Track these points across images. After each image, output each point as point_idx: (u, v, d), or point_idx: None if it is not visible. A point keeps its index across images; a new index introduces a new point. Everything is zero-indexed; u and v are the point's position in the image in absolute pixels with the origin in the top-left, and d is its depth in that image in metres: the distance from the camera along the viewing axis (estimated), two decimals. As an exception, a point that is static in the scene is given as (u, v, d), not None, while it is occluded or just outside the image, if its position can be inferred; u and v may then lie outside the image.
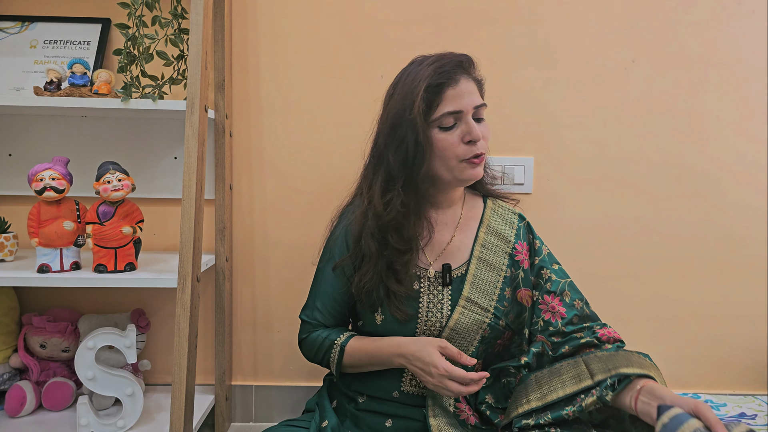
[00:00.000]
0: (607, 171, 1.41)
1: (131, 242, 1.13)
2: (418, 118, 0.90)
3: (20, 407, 1.24)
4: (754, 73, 1.38)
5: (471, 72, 0.97)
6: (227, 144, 1.36)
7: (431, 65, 0.93)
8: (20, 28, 1.37)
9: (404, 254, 0.96)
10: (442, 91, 0.92)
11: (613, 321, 1.44)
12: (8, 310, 1.33)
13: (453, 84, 0.92)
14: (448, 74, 0.92)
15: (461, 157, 0.93)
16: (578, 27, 1.38)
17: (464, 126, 0.93)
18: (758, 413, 1.31)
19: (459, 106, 0.92)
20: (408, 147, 0.92)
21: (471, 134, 0.92)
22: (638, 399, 0.80)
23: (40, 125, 1.38)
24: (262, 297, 1.44)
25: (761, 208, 1.41)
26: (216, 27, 1.31)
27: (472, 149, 0.93)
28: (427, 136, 0.92)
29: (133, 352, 1.16)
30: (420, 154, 0.92)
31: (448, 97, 0.92)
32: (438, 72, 0.92)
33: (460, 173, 0.95)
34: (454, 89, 0.92)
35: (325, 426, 0.96)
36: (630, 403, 0.82)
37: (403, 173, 0.94)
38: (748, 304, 1.43)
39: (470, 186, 1.08)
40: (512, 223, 1.06)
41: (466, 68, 0.95)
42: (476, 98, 0.94)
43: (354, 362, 1.00)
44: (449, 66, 0.93)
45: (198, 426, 1.23)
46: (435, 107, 0.92)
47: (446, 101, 0.92)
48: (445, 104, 0.92)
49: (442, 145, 0.93)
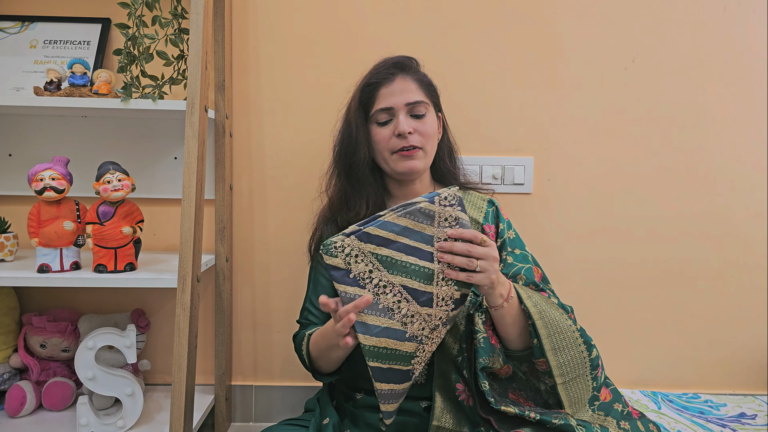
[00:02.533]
0: (607, 171, 1.41)
1: (131, 242, 1.13)
2: (352, 114, 1.04)
3: (20, 407, 1.24)
4: (754, 73, 1.38)
5: (410, 72, 1.06)
6: (227, 144, 1.36)
7: (372, 68, 1.06)
8: (20, 28, 1.37)
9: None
10: (377, 90, 1.03)
11: (613, 321, 1.45)
12: (8, 310, 1.33)
13: (387, 83, 1.03)
14: (382, 74, 1.03)
15: (392, 149, 1.02)
16: (578, 27, 1.38)
17: (395, 121, 1.02)
18: (758, 413, 1.31)
19: (390, 103, 1.02)
20: (344, 140, 1.07)
21: (397, 128, 1.00)
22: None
23: (40, 125, 1.38)
24: (262, 297, 1.44)
25: (761, 209, 1.41)
26: (216, 27, 1.31)
27: (401, 142, 1.01)
28: (362, 131, 1.04)
29: (133, 352, 1.16)
30: (353, 146, 1.04)
31: (382, 95, 1.03)
32: (374, 72, 1.05)
33: (395, 164, 1.03)
34: (387, 88, 1.02)
35: (326, 423, 0.97)
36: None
37: (340, 163, 1.08)
38: (748, 305, 1.43)
39: (439, 180, 1.14)
40: (481, 208, 1.10)
41: (404, 68, 1.05)
42: (410, 96, 1.02)
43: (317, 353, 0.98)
44: (385, 67, 1.04)
45: (198, 426, 1.23)
46: (372, 104, 1.03)
47: (380, 99, 1.03)
48: (378, 101, 1.03)
49: (377, 139, 1.03)
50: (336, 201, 1.08)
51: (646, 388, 1.45)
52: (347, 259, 0.83)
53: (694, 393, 1.44)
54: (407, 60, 1.07)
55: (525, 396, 0.97)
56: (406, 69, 1.05)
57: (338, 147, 1.09)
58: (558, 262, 1.42)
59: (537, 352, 0.94)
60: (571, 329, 0.93)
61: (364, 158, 1.04)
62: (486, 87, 1.39)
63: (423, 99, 1.03)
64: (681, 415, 1.29)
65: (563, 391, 0.91)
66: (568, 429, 0.86)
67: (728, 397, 1.41)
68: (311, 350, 0.99)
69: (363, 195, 1.06)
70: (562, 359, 0.91)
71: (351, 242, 0.83)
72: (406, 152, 1.01)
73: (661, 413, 1.30)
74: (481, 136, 1.40)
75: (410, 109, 1.02)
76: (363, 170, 1.05)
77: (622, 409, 0.97)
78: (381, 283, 0.83)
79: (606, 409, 0.95)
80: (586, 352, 0.93)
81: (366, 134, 1.04)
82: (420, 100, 1.02)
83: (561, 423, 0.85)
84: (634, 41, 1.38)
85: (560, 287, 1.36)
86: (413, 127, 1.01)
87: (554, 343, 0.91)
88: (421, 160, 1.03)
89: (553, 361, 0.91)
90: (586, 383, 0.94)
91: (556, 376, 0.91)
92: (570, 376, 0.92)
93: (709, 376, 1.46)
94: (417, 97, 1.02)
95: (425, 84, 1.06)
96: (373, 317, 0.83)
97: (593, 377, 0.95)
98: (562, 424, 0.85)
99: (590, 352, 0.94)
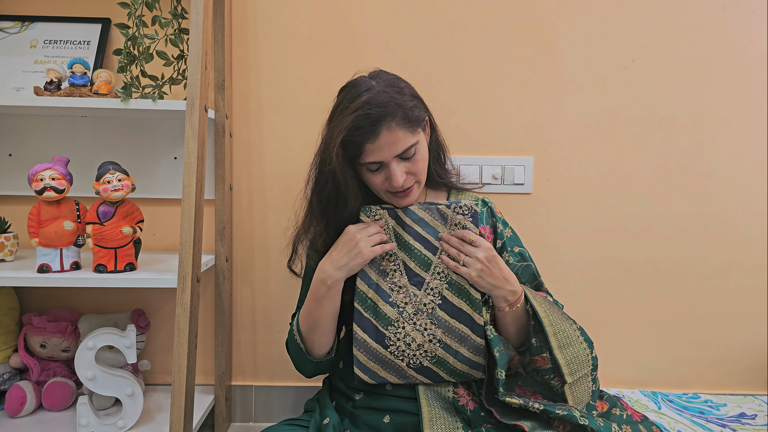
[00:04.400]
0: (606, 171, 1.41)
1: (131, 242, 1.13)
2: (337, 169, 0.94)
3: (20, 407, 1.24)
4: (754, 73, 1.38)
5: (395, 118, 0.92)
6: (227, 144, 1.36)
7: (351, 115, 0.91)
8: (20, 28, 1.37)
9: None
10: (362, 146, 0.93)
11: (613, 321, 1.45)
12: (8, 310, 1.33)
13: (372, 139, 0.92)
14: (364, 131, 0.91)
15: (387, 190, 0.99)
16: (578, 27, 1.38)
17: (387, 171, 0.96)
18: (758, 413, 1.31)
19: (378, 158, 0.94)
20: (330, 196, 0.99)
21: (392, 182, 0.95)
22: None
23: (40, 125, 1.38)
24: (262, 297, 1.44)
25: (761, 208, 1.41)
26: (216, 27, 1.31)
27: (395, 187, 0.96)
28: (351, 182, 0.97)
29: (133, 352, 1.16)
30: (342, 201, 0.99)
31: (368, 150, 0.93)
32: (355, 127, 0.91)
33: (389, 199, 1.02)
34: (374, 144, 0.92)
35: (326, 423, 0.97)
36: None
37: (325, 216, 1.01)
38: (748, 305, 1.43)
39: (431, 184, 1.13)
40: None
41: (386, 117, 0.91)
42: (399, 146, 0.93)
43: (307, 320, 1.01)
44: (365, 121, 0.91)
45: (198, 426, 1.23)
46: (358, 156, 0.95)
47: (366, 153, 0.94)
48: (365, 156, 0.94)
49: (371, 182, 1.00)
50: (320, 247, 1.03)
51: (646, 388, 1.45)
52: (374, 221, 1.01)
53: (694, 393, 1.44)
54: (389, 104, 0.92)
55: (532, 390, 0.99)
56: (390, 116, 0.91)
57: (320, 201, 1.01)
58: (557, 262, 1.42)
59: (535, 349, 0.95)
60: (572, 328, 0.96)
61: (354, 210, 1.00)
62: (486, 87, 1.39)
63: (412, 142, 0.95)
64: (681, 415, 1.29)
65: (569, 390, 0.93)
66: (571, 419, 0.86)
67: (728, 397, 1.41)
68: (301, 324, 1.02)
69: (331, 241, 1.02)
70: (569, 356, 0.93)
71: (382, 213, 1.01)
72: (402, 193, 0.99)
73: (661, 413, 1.30)
74: (481, 136, 1.40)
75: (401, 155, 0.95)
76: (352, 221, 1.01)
77: (621, 413, 0.97)
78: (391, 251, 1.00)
79: (605, 416, 0.96)
80: (588, 350, 0.95)
81: (355, 185, 0.98)
82: (409, 145, 0.94)
83: (564, 414, 0.86)
84: (633, 41, 1.38)
85: (560, 287, 1.37)
86: (406, 171, 0.96)
87: (560, 341, 0.94)
88: (416, 191, 1.01)
89: (562, 359, 0.93)
90: (587, 384, 0.96)
91: (566, 375, 0.92)
92: (577, 375, 0.94)
93: (709, 376, 1.46)
94: (406, 143, 0.94)
95: (413, 121, 0.95)
96: (372, 272, 1.00)
97: (593, 379, 0.96)
98: (566, 414, 0.86)
99: (591, 351, 0.96)
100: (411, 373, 0.97)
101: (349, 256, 0.96)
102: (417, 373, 0.97)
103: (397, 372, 0.98)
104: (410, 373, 0.97)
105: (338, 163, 0.93)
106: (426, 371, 0.97)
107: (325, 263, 0.98)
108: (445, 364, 0.96)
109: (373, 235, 0.97)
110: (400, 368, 0.97)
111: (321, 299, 0.98)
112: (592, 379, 0.96)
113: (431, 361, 0.96)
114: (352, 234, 0.97)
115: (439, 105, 1.37)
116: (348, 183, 0.97)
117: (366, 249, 0.95)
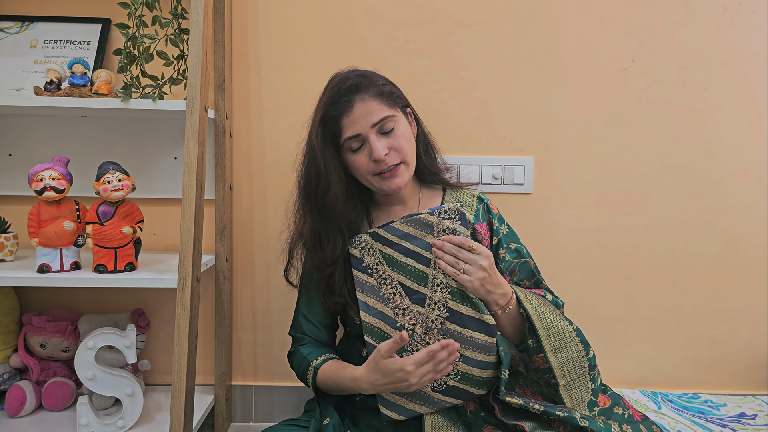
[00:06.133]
0: (607, 171, 1.41)
1: (131, 242, 1.13)
2: (317, 149, 0.98)
3: (20, 407, 1.24)
4: (754, 73, 1.38)
5: (369, 89, 0.98)
6: (227, 144, 1.36)
7: (325, 95, 1.00)
8: (20, 28, 1.37)
9: (325, 269, 1.02)
10: (339, 121, 0.97)
11: (613, 321, 1.45)
12: (8, 310, 1.33)
13: (347, 112, 0.97)
14: (339, 104, 0.97)
15: (373, 172, 0.99)
16: (578, 27, 1.38)
17: (368, 146, 0.98)
18: (758, 413, 1.31)
19: (356, 130, 0.97)
20: (311, 177, 1.01)
21: (372, 155, 0.97)
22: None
23: (40, 125, 1.38)
24: (262, 297, 1.44)
25: (762, 209, 1.41)
26: (216, 27, 1.31)
27: (380, 165, 0.98)
28: (333, 165, 0.99)
29: (133, 352, 1.16)
30: (324, 182, 0.99)
31: (345, 125, 0.97)
32: (329, 103, 0.98)
33: (380, 185, 1.01)
34: (349, 117, 0.97)
35: (326, 423, 0.97)
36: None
37: (309, 201, 1.03)
38: (748, 305, 1.43)
39: (427, 180, 1.13)
40: (471, 206, 1.09)
41: (362, 89, 0.98)
42: (374, 116, 0.97)
43: (326, 388, 1.03)
44: (340, 95, 0.97)
45: (198, 426, 1.23)
46: (339, 135, 0.98)
47: (344, 129, 0.98)
48: (344, 131, 0.98)
49: (355, 166, 1.00)
50: (308, 239, 1.04)
51: (646, 388, 1.45)
52: (362, 251, 1.00)
53: (694, 393, 1.44)
54: (361, 78, 0.99)
55: (532, 391, 0.99)
56: (364, 89, 0.98)
57: (306, 185, 1.03)
58: (558, 262, 1.42)
59: (533, 350, 0.95)
60: (568, 329, 0.95)
61: (338, 193, 1.00)
62: (486, 87, 1.39)
63: (388, 113, 0.98)
64: (681, 415, 1.29)
65: (565, 392, 0.92)
66: (571, 421, 0.86)
67: (728, 397, 1.41)
68: (319, 384, 1.03)
69: (337, 231, 1.02)
70: (562, 359, 0.92)
71: (366, 238, 0.99)
72: (388, 173, 0.99)
73: (661, 413, 1.30)
74: (481, 136, 1.40)
75: (378, 128, 0.97)
76: (337, 206, 1.00)
77: (623, 412, 0.97)
78: (384, 274, 0.98)
79: (606, 414, 0.96)
80: (584, 351, 0.94)
81: (338, 167, 1.00)
82: (385, 116, 0.97)
83: (564, 416, 0.86)
84: (633, 41, 1.38)
85: (560, 287, 1.37)
86: (387, 146, 0.98)
87: (554, 344, 0.93)
88: (404, 173, 1.01)
89: (555, 362, 0.92)
90: (585, 384, 0.95)
91: (559, 377, 0.92)
92: (571, 377, 0.93)
93: (709, 376, 1.46)
94: (381, 113, 0.97)
95: (386, 94, 1.00)
96: (373, 301, 0.97)
97: (591, 378, 0.96)
98: (566, 416, 0.86)
99: (587, 352, 0.95)
100: (438, 398, 0.93)
101: (392, 386, 0.91)
102: (445, 396, 0.93)
103: (423, 400, 0.93)
104: (438, 398, 0.93)
105: (317, 142, 0.98)
106: (453, 391, 0.93)
107: (365, 379, 0.93)
108: (470, 378, 0.93)
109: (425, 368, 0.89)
110: (426, 395, 0.93)
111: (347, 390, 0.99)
112: (591, 378, 0.96)
113: (455, 379, 0.93)
114: (403, 369, 0.88)
115: (439, 105, 1.38)
116: (329, 164, 0.99)
117: (413, 384, 0.89)
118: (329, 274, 1.02)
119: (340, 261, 1.02)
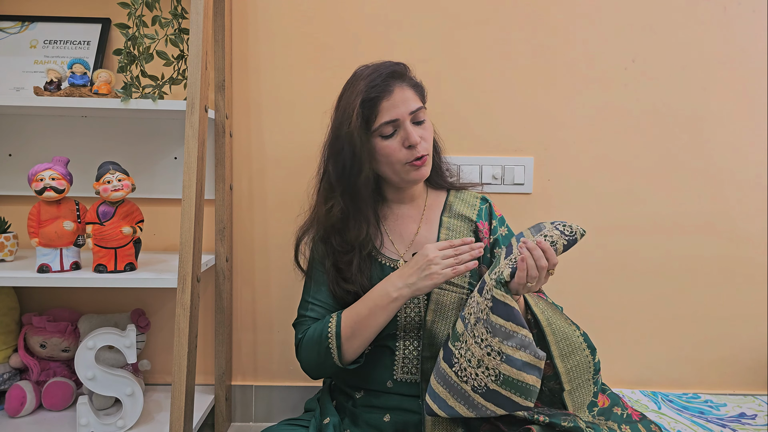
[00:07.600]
0: (607, 171, 1.41)
1: (131, 242, 1.13)
2: (355, 131, 0.98)
3: (20, 407, 1.24)
4: (754, 73, 1.38)
5: (406, 79, 1.03)
6: (227, 144, 1.36)
7: (365, 79, 1.00)
8: (20, 28, 1.37)
9: (346, 254, 1.03)
10: (378, 104, 0.99)
11: (613, 320, 1.45)
12: (8, 310, 1.33)
13: (387, 96, 0.99)
14: (380, 87, 0.99)
15: (404, 160, 1.00)
16: (578, 27, 1.38)
17: (403, 132, 0.99)
18: (758, 413, 1.31)
19: (394, 115, 0.99)
20: (345, 159, 1.00)
21: (409, 139, 0.99)
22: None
23: (40, 125, 1.38)
24: (262, 297, 1.44)
25: (762, 209, 1.41)
26: (216, 27, 1.31)
27: (413, 153, 1.00)
28: (366, 148, 0.99)
29: (133, 352, 1.16)
30: (357, 165, 1.00)
31: (384, 108, 0.99)
32: (371, 86, 0.99)
33: (406, 175, 1.02)
34: (388, 100, 0.99)
35: (326, 423, 0.97)
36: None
37: (341, 183, 1.02)
38: (748, 305, 1.43)
39: (431, 183, 1.14)
40: (474, 206, 1.11)
41: (399, 77, 1.01)
42: (411, 104, 1.00)
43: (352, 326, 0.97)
44: (381, 79, 0.99)
45: (198, 426, 1.23)
46: (374, 119, 0.99)
47: (382, 112, 0.99)
48: (381, 115, 0.99)
49: (385, 152, 1.00)
50: (337, 221, 1.04)
51: (646, 388, 1.45)
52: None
53: (694, 393, 1.44)
54: (399, 67, 1.03)
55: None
56: (402, 77, 1.02)
57: (336, 166, 1.03)
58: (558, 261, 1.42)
59: None
60: (575, 335, 0.94)
61: (369, 176, 1.01)
62: (486, 87, 1.39)
63: (420, 104, 1.02)
64: (681, 415, 1.29)
65: (568, 396, 0.92)
66: (577, 431, 0.86)
67: (728, 397, 1.41)
68: (344, 328, 0.97)
69: (364, 216, 1.03)
70: (570, 365, 0.92)
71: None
72: (418, 161, 1.00)
73: (661, 413, 1.30)
74: (482, 135, 1.40)
75: (413, 117, 1.00)
76: (367, 189, 1.02)
77: (622, 413, 0.97)
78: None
79: (606, 414, 0.95)
80: (591, 357, 0.94)
81: (369, 150, 1.01)
82: (419, 106, 1.01)
83: (570, 426, 0.85)
84: (634, 41, 1.38)
85: (560, 287, 1.37)
86: (420, 135, 1.00)
87: (562, 350, 0.93)
88: (428, 165, 1.04)
89: (562, 368, 0.92)
90: (588, 388, 0.95)
91: (565, 383, 0.92)
92: (576, 382, 0.93)
93: (709, 376, 1.46)
94: (417, 103, 1.01)
95: (419, 88, 1.05)
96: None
97: (594, 381, 0.96)
98: (572, 426, 0.85)
99: (594, 357, 0.94)
100: (478, 400, 0.83)
101: (419, 276, 0.93)
102: (485, 400, 0.83)
103: (464, 399, 0.85)
104: (477, 400, 0.83)
105: (357, 125, 0.98)
106: (494, 396, 0.82)
107: (395, 276, 0.96)
108: (514, 384, 0.81)
109: (448, 258, 0.93)
110: (466, 393, 0.85)
111: (377, 309, 0.95)
112: (594, 381, 0.96)
113: (496, 382, 0.82)
114: (425, 253, 0.94)
115: (440, 105, 1.38)
116: (363, 147, 0.99)
117: (438, 272, 0.92)
118: (348, 260, 1.03)
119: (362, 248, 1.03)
